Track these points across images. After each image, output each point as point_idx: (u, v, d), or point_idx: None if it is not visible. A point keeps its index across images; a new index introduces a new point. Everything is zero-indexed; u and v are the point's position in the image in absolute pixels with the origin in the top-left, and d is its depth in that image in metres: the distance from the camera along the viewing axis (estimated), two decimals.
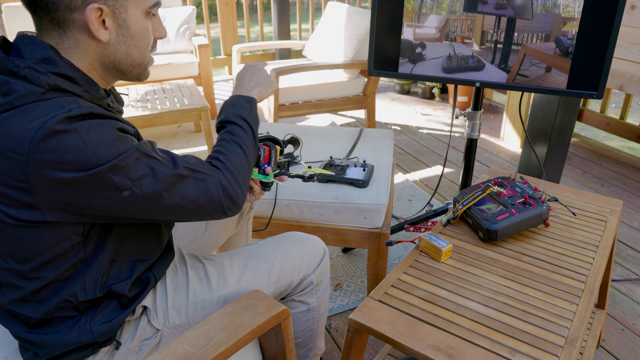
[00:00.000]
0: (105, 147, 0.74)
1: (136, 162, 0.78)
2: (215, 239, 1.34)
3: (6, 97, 0.73)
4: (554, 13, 1.40)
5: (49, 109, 0.73)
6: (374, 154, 1.81)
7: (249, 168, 0.97)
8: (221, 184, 0.88)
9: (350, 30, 3.05)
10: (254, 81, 1.11)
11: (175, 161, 0.84)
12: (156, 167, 0.80)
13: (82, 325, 0.87)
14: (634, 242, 2.18)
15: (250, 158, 0.98)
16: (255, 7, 4.89)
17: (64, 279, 0.84)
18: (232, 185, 0.90)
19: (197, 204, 0.85)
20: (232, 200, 0.90)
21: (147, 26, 0.87)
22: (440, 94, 4.21)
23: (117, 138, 0.77)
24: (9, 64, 0.74)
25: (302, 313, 1.19)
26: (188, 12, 3.64)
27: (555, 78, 1.45)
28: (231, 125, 0.99)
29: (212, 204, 0.87)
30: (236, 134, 0.98)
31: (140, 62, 0.89)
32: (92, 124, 0.74)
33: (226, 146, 0.95)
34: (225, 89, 4.45)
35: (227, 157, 0.93)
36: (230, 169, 0.91)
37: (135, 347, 0.95)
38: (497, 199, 1.24)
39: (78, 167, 0.73)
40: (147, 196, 0.79)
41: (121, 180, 0.76)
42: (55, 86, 0.76)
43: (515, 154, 3.12)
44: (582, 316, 0.96)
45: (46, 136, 0.70)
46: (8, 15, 3.15)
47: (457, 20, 1.52)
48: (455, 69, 1.56)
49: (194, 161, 0.87)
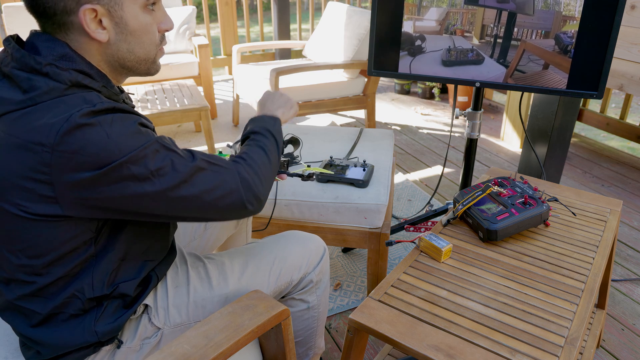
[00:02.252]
0: (127, 139, 0.75)
1: (155, 154, 0.79)
2: (215, 239, 1.34)
3: (27, 93, 0.74)
4: (554, 10, 1.40)
5: (73, 104, 0.74)
6: (374, 154, 1.81)
7: (271, 169, 0.97)
8: (241, 176, 0.88)
9: (350, 30, 3.05)
10: (276, 104, 1.15)
11: (194, 155, 0.85)
12: (175, 159, 0.81)
13: (87, 325, 0.87)
14: (634, 242, 2.18)
15: (273, 163, 0.99)
16: (255, 7, 4.89)
17: (73, 275, 0.84)
18: (253, 178, 0.90)
19: (215, 195, 0.85)
20: (253, 193, 0.90)
21: (147, 21, 0.85)
22: (440, 94, 4.20)
23: (139, 131, 0.78)
24: (30, 61, 0.75)
25: (302, 312, 1.19)
26: (188, 12, 3.64)
27: (553, 76, 1.45)
28: (255, 135, 1.02)
29: (231, 196, 0.87)
30: (259, 140, 1.00)
31: (146, 58, 0.89)
32: (115, 118, 0.76)
33: (249, 149, 0.97)
34: (225, 89, 4.45)
35: (249, 155, 0.95)
36: (251, 164, 0.92)
37: (136, 345, 0.95)
38: (497, 199, 1.24)
39: (100, 160, 0.73)
40: (166, 188, 0.80)
41: (140, 171, 0.77)
42: (77, 82, 0.77)
43: (515, 154, 3.12)
44: (582, 316, 0.96)
45: (72, 129, 0.71)
46: (8, 15, 3.15)
47: (458, 13, 1.53)
48: (454, 62, 1.56)
49: (214, 156, 0.88)
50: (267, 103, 1.16)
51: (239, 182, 0.88)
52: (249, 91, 3.21)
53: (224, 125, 3.58)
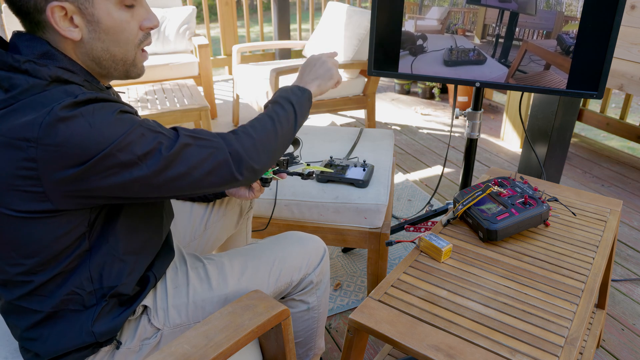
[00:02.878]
0: (111, 127, 0.74)
1: (141, 138, 0.77)
2: (215, 239, 1.34)
3: (9, 92, 0.74)
4: (556, 10, 1.40)
5: (54, 97, 0.73)
6: (374, 154, 1.81)
7: (276, 139, 0.94)
8: (231, 147, 0.86)
9: (350, 30, 3.05)
10: (313, 74, 1.10)
11: (178, 132, 0.83)
12: (162, 140, 0.79)
13: (84, 326, 0.87)
14: (634, 242, 2.18)
15: (282, 133, 0.95)
16: (255, 7, 4.89)
17: (70, 270, 0.84)
18: (246, 149, 0.87)
19: (204, 169, 0.83)
20: (245, 163, 0.87)
21: (123, 18, 0.82)
22: (440, 94, 4.20)
23: (121, 118, 0.76)
24: (8, 59, 0.74)
25: (302, 312, 1.19)
26: (188, 12, 3.64)
27: (554, 76, 1.44)
28: (273, 105, 0.99)
29: (220, 168, 0.85)
30: (274, 110, 0.97)
31: (124, 58, 0.85)
32: (96, 107, 0.75)
33: (256, 119, 0.94)
34: (225, 89, 4.45)
35: (253, 124, 0.92)
36: (250, 133, 0.89)
37: (135, 346, 0.95)
38: (497, 199, 1.24)
39: (86, 152, 0.73)
40: (155, 171, 0.79)
41: (127, 157, 0.76)
42: (57, 77, 0.76)
43: (515, 154, 3.12)
44: (582, 316, 0.96)
45: (54, 122, 0.71)
46: (8, 15, 3.15)
47: (460, 12, 1.53)
48: (456, 62, 1.56)
49: (200, 130, 0.86)
50: (305, 72, 1.10)
51: (227, 153, 0.85)
52: (249, 91, 3.21)
53: (224, 125, 3.58)
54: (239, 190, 1.21)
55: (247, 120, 1.06)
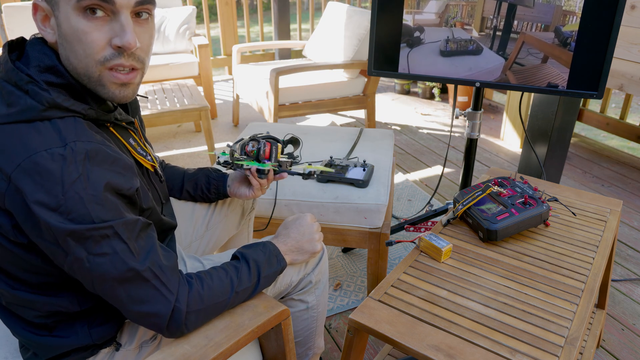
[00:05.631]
0: (82, 206, 0.69)
1: (103, 239, 0.72)
2: (216, 239, 1.34)
3: (10, 108, 0.72)
4: (555, 4, 1.40)
5: (44, 140, 0.69)
6: (374, 154, 1.81)
7: (222, 310, 0.88)
8: (178, 304, 0.80)
9: (350, 30, 3.05)
10: (297, 244, 1.05)
11: (147, 257, 0.77)
12: (121, 254, 0.73)
13: (81, 328, 0.86)
14: (634, 242, 2.18)
15: (231, 303, 0.90)
16: (255, 7, 4.89)
17: (62, 283, 0.83)
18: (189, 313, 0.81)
19: (140, 309, 0.78)
20: (178, 326, 0.81)
21: (80, 27, 0.72)
22: (440, 94, 4.20)
23: (100, 200, 0.71)
24: (14, 76, 0.73)
25: (301, 312, 1.19)
26: (188, 12, 3.64)
27: (552, 70, 1.44)
28: (243, 266, 0.92)
29: (154, 317, 0.79)
30: (239, 276, 0.90)
31: (86, 74, 0.76)
32: (82, 174, 0.70)
33: (219, 277, 0.87)
34: (225, 89, 4.46)
35: (211, 286, 0.85)
36: (202, 297, 0.83)
37: (135, 348, 0.95)
38: (497, 199, 1.24)
39: (44, 217, 0.68)
40: (94, 275, 0.74)
41: (77, 250, 0.71)
42: (55, 104, 0.72)
43: (515, 154, 3.12)
44: (582, 316, 0.96)
45: (31, 170, 0.68)
46: (8, 15, 3.15)
47: (457, 5, 1.53)
48: (453, 52, 1.56)
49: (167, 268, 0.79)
50: (290, 235, 1.05)
51: (170, 309, 0.79)
52: (249, 91, 3.21)
53: (224, 125, 3.59)
54: (238, 189, 1.21)
55: (246, 120, 1.05)
